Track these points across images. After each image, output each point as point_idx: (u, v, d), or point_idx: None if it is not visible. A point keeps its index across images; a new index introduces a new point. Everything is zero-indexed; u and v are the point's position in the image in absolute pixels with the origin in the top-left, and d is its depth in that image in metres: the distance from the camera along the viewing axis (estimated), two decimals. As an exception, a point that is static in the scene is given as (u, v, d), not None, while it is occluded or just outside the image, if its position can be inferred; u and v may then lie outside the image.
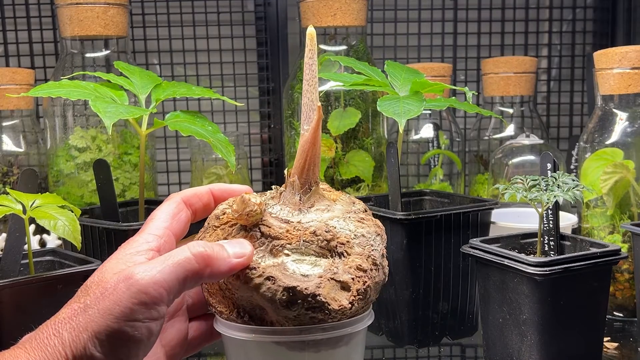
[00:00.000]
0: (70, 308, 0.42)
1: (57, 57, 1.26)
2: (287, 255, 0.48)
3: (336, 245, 0.49)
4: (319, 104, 0.50)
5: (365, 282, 0.49)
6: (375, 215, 0.55)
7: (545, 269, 0.59)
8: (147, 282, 0.42)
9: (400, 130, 0.73)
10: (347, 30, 1.00)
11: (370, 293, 0.50)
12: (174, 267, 0.43)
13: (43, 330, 0.42)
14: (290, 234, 0.48)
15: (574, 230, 0.91)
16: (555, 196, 0.62)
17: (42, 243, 0.96)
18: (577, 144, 1.09)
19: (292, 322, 0.48)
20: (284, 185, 0.52)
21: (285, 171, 0.52)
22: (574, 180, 0.64)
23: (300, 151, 0.50)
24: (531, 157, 1.10)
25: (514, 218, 0.91)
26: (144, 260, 0.44)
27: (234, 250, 0.46)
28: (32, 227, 0.87)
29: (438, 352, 0.77)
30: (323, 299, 0.46)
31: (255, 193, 0.50)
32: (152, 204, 0.81)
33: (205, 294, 0.52)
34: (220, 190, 0.53)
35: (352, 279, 0.48)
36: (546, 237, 0.68)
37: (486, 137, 1.26)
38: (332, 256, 0.49)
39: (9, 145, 1.06)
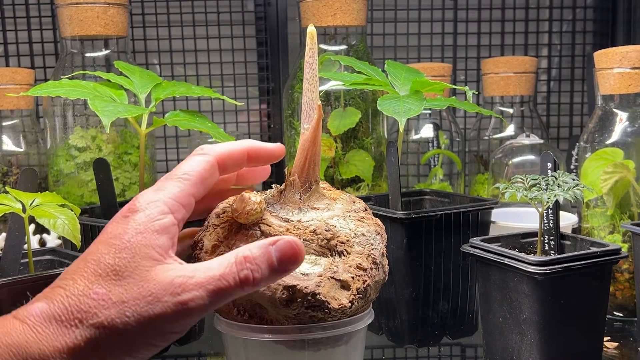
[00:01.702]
0: (99, 289, 0.40)
1: (57, 57, 1.26)
2: (287, 254, 0.48)
3: (336, 244, 0.49)
4: (319, 102, 0.50)
5: (365, 281, 0.49)
6: (375, 215, 0.55)
7: (545, 268, 0.59)
8: (197, 309, 0.40)
9: (401, 130, 0.73)
10: (347, 30, 1.00)
11: (370, 292, 0.50)
12: (222, 297, 0.41)
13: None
14: (290, 232, 0.48)
15: (574, 230, 0.91)
16: (555, 195, 0.62)
17: (42, 243, 0.96)
18: (577, 143, 1.09)
19: (292, 321, 0.48)
20: (284, 184, 0.52)
21: (286, 170, 0.52)
22: (574, 180, 0.64)
23: (301, 150, 0.50)
24: (531, 157, 1.10)
25: (514, 218, 0.91)
26: (169, 243, 0.42)
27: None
28: (32, 227, 0.87)
29: (438, 352, 0.77)
30: (323, 298, 0.46)
31: (255, 192, 0.50)
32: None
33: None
34: (255, 151, 0.49)
35: (352, 277, 0.48)
36: (546, 237, 0.68)
37: (486, 137, 1.26)
38: (332, 255, 0.49)
39: (8, 145, 1.06)
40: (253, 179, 0.54)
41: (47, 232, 0.95)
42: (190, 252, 0.51)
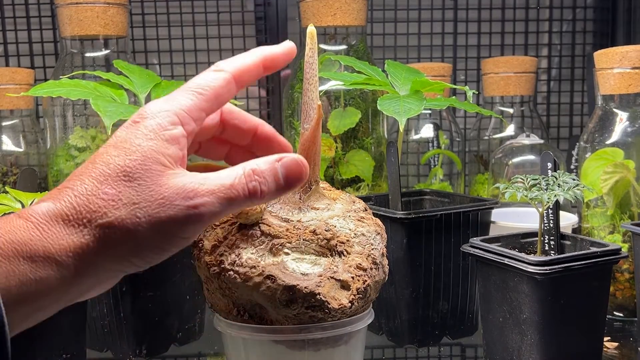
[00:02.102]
0: (109, 189, 0.39)
1: (56, 57, 1.26)
2: (287, 254, 0.48)
3: (336, 244, 0.49)
4: (319, 102, 0.50)
5: (365, 281, 0.49)
6: (375, 215, 0.55)
7: (545, 268, 0.59)
8: (208, 214, 0.40)
9: (401, 130, 0.73)
10: (347, 30, 1.00)
11: (370, 292, 0.50)
12: (231, 206, 0.41)
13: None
14: (290, 232, 0.48)
15: (574, 230, 0.91)
16: (555, 195, 0.62)
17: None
18: (577, 143, 1.09)
19: (292, 321, 0.48)
20: (284, 184, 0.52)
21: (285, 170, 0.52)
22: (574, 180, 0.64)
23: (301, 150, 0.50)
24: (531, 157, 1.09)
25: (514, 218, 0.91)
26: (180, 154, 0.41)
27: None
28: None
29: (438, 352, 0.77)
30: (323, 298, 0.46)
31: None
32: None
33: (205, 293, 0.52)
34: (270, 59, 0.47)
35: (352, 277, 0.48)
36: (546, 237, 0.68)
37: (486, 137, 1.26)
38: (332, 255, 0.49)
39: (8, 145, 1.06)
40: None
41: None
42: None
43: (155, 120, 0.41)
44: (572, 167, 1.22)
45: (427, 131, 1.18)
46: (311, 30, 0.51)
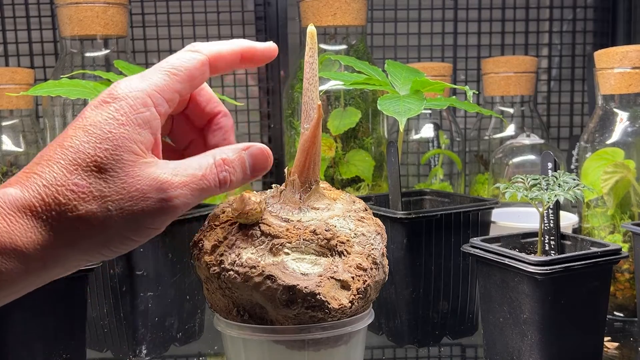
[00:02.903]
0: (79, 180, 0.38)
1: (56, 57, 1.26)
2: (287, 254, 0.48)
3: (336, 244, 0.49)
4: (319, 102, 0.50)
5: (365, 281, 0.49)
6: (375, 215, 0.55)
7: (545, 268, 0.58)
8: (181, 206, 0.40)
9: (401, 129, 0.73)
10: (347, 30, 1.00)
11: (370, 292, 0.50)
12: (202, 196, 0.41)
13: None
14: (290, 232, 0.48)
15: (575, 230, 0.91)
16: (556, 195, 0.62)
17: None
18: (578, 143, 1.09)
19: (292, 321, 0.48)
20: (284, 184, 0.52)
21: (286, 170, 0.52)
22: (574, 180, 0.64)
23: (301, 150, 0.50)
24: (531, 157, 1.09)
25: (514, 218, 0.91)
26: (151, 138, 0.40)
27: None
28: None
29: (438, 352, 0.77)
30: (323, 298, 0.46)
31: (255, 192, 0.50)
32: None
33: (205, 293, 0.52)
34: (249, 52, 0.46)
35: (352, 277, 0.48)
36: (547, 237, 0.68)
37: (486, 137, 1.26)
38: (332, 255, 0.49)
39: (8, 145, 1.06)
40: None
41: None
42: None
43: (126, 102, 0.40)
44: (572, 167, 1.22)
45: (427, 131, 1.18)
46: (311, 29, 0.51)
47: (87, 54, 0.97)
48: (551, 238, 0.67)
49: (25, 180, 0.38)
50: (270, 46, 0.47)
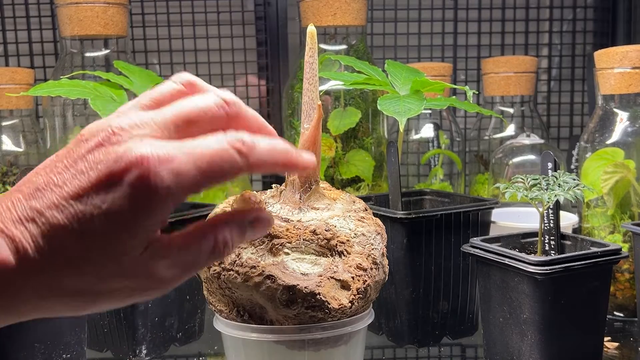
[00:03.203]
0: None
1: (56, 57, 1.26)
2: (287, 253, 0.48)
3: (336, 244, 0.49)
4: (319, 102, 0.50)
5: (365, 281, 0.49)
6: (375, 215, 0.55)
7: (545, 268, 0.58)
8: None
9: (401, 129, 0.73)
10: (347, 30, 1.00)
11: (370, 292, 0.50)
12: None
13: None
14: (290, 232, 0.48)
15: (575, 230, 0.91)
16: (556, 195, 0.62)
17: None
18: (578, 143, 1.09)
19: (292, 321, 0.48)
20: (284, 184, 0.52)
21: (285, 170, 0.52)
22: (574, 180, 0.64)
23: (301, 149, 0.50)
24: (531, 157, 1.09)
25: (514, 218, 0.91)
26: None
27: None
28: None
29: (438, 352, 0.77)
30: (323, 298, 0.46)
31: (255, 192, 0.50)
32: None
33: (205, 293, 0.52)
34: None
35: (352, 277, 0.48)
36: (547, 237, 0.68)
37: (486, 137, 1.26)
38: (332, 255, 0.49)
39: (8, 145, 1.06)
40: None
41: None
42: None
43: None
44: (572, 167, 1.22)
45: (427, 131, 1.18)
46: (311, 30, 0.51)
47: (87, 54, 0.97)
48: (551, 238, 0.67)
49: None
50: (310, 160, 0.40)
